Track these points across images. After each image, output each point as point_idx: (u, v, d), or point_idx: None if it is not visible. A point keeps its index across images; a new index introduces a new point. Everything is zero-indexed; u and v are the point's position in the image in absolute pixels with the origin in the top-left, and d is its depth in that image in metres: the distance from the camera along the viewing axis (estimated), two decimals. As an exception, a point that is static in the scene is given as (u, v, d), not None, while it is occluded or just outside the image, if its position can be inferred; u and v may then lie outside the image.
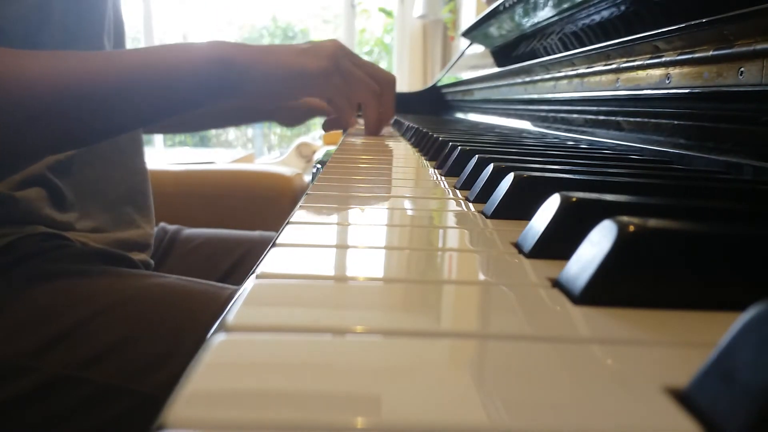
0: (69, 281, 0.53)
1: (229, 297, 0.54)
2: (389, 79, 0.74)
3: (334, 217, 0.32)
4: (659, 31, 0.47)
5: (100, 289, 0.52)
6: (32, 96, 0.45)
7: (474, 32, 1.30)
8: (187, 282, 0.56)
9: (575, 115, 0.69)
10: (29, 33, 0.53)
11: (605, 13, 0.64)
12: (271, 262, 0.22)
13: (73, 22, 0.57)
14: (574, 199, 0.25)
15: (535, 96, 0.82)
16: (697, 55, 0.42)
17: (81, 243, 0.60)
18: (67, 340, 0.48)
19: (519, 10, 0.93)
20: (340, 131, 0.91)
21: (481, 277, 0.23)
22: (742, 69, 0.38)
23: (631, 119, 0.55)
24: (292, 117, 1.04)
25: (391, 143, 0.82)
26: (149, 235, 0.69)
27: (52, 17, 0.55)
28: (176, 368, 0.47)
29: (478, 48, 1.38)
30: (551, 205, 0.25)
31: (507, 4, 0.96)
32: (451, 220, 0.33)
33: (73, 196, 0.61)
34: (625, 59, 0.54)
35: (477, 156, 0.44)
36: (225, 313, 0.17)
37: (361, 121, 0.84)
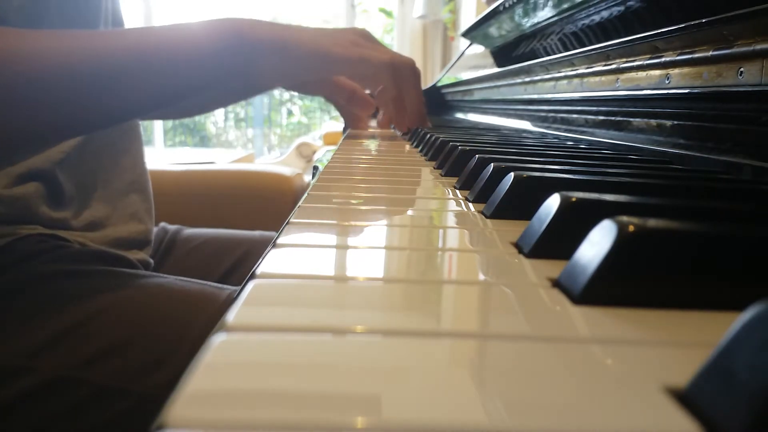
0: (66, 282, 0.52)
1: (228, 297, 0.53)
2: (405, 64, 0.67)
3: (334, 217, 0.32)
4: (659, 31, 0.47)
5: (97, 289, 0.52)
6: (33, 73, 0.44)
7: (474, 32, 1.30)
8: (185, 282, 0.56)
9: (575, 115, 0.69)
10: (26, 25, 0.52)
11: (605, 14, 0.64)
12: (271, 262, 0.22)
13: (70, 15, 0.56)
14: (573, 199, 0.25)
15: (535, 96, 0.82)
16: (696, 55, 0.42)
17: (79, 243, 0.59)
18: (65, 341, 0.48)
19: (519, 10, 0.93)
20: (340, 132, 0.90)
21: (481, 277, 0.23)
22: (742, 69, 0.38)
23: (631, 119, 0.55)
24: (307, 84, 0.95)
25: (391, 143, 0.82)
26: (149, 231, 0.69)
27: (49, 9, 0.54)
28: (174, 369, 0.47)
29: (478, 48, 1.38)
30: (551, 205, 0.25)
31: (507, 5, 0.96)
32: (451, 220, 0.33)
33: (74, 189, 0.60)
34: (624, 59, 0.54)
35: (477, 156, 0.44)
36: (226, 312, 0.17)
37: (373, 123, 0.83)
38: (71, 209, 0.61)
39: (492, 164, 0.38)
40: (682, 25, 0.44)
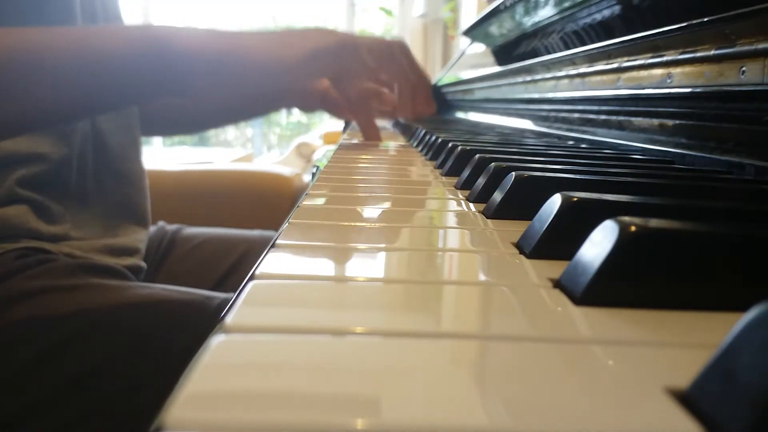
0: (49, 299, 0.50)
1: (218, 307, 0.52)
2: (392, 47, 0.58)
3: (333, 218, 0.32)
4: (660, 30, 0.47)
5: (80, 306, 0.50)
6: None
7: (474, 31, 1.30)
8: (172, 292, 0.54)
9: (576, 115, 0.69)
10: None
11: (606, 12, 0.64)
12: (271, 262, 0.22)
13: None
14: (575, 199, 0.25)
15: (536, 95, 0.82)
16: (698, 54, 0.42)
17: (65, 255, 0.57)
18: (50, 362, 0.47)
19: (520, 9, 0.92)
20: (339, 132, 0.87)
21: (482, 277, 0.23)
22: (744, 68, 0.37)
23: (633, 119, 0.55)
24: (309, 101, 0.86)
25: (390, 143, 0.82)
26: (141, 240, 0.67)
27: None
28: (160, 386, 0.46)
29: (479, 47, 1.38)
30: (552, 205, 0.25)
31: (508, 3, 0.96)
32: (451, 220, 0.33)
33: (62, 209, 0.58)
34: (626, 58, 0.54)
35: (477, 156, 0.44)
36: (222, 315, 0.17)
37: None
38: (65, 223, 0.59)
39: (493, 164, 0.38)
40: (684, 24, 0.44)
